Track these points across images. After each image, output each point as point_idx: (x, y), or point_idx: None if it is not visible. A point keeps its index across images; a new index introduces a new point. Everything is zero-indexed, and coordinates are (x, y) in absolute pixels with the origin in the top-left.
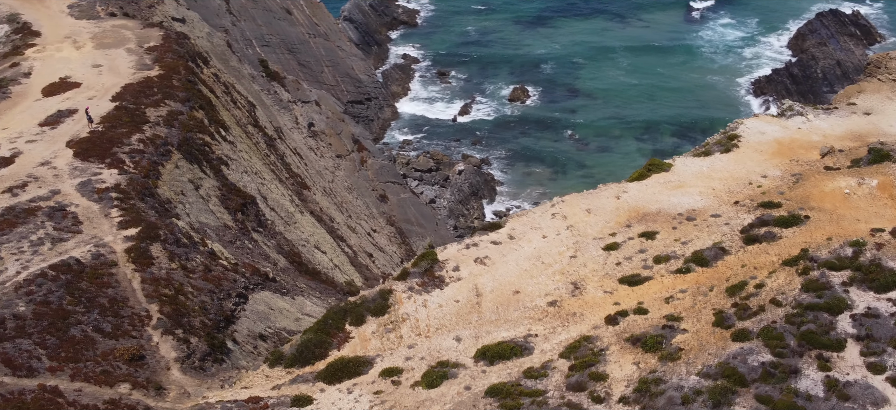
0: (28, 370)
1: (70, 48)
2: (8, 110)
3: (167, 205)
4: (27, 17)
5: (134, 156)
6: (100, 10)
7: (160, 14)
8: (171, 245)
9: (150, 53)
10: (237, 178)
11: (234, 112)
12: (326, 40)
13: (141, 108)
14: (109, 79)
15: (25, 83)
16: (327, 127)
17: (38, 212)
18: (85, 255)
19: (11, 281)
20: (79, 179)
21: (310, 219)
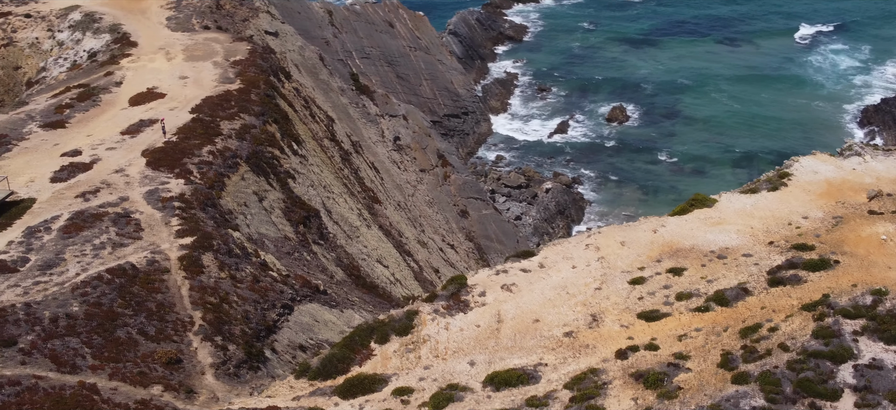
0: (72, 367)
1: (162, 59)
2: (96, 118)
3: (228, 216)
4: (128, 27)
5: (202, 168)
6: (195, 23)
7: (253, 27)
8: (223, 255)
9: (234, 67)
10: (303, 192)
11: (312, 126)
12: (427, 54)
13: (216, 121)
14: (193, 91)
15: (115, 92)
16: (413, 141)
17: (105, 218)
18: (140, 261)
19: (70, 282)
20: (147, 188)
21: (376, 233)
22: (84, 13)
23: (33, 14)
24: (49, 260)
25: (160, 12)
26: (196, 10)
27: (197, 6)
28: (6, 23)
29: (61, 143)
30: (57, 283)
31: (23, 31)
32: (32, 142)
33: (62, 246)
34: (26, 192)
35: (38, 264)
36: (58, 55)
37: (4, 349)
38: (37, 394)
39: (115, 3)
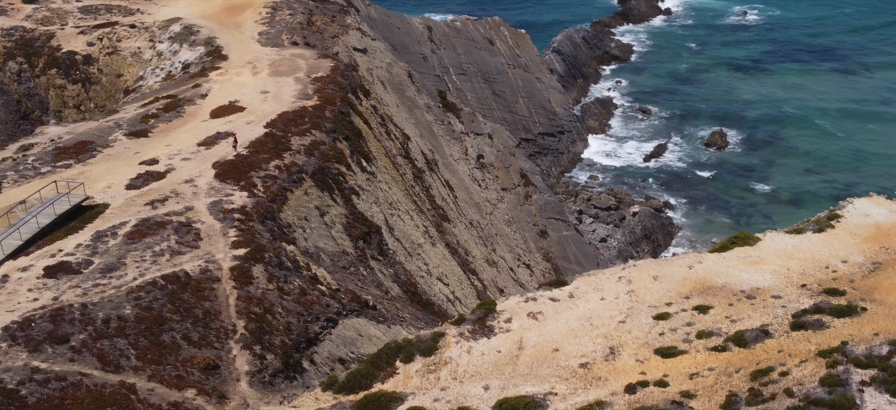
0: (115, 366)
1: (248, 74)
2: (177, 128)
3: (286, 229)
4: (221, 41)
5: (267, 181)
6: (285, 38)
7: (342, 44)
8: (273, 267)
9: (314, 83)
10: (366, 208)
11: (386, 143)
12: (526, 71)
13: (287, 136)
14: (271, 106)
15: (199, 104)
16: (496, 160)
17: (168, 226)
18: (194, 269)
19: (126, 285)
20: (212, 199)
21: (441, 251)
22: (184, 25)
23: (138, 24)
24: (111, 263)
25: (254, 27)
26: (287, 26)
27: (289, 22)
28: (112, 32)
29: (141, 152)
30: (114, 286)
31: (127, 41)
32: (115, 150)
33: (125, 251)
34: (102, 198)
35: (100, 267)
36: (155, 65)
37: (57, 345)
38: (79, 390)
39: (214, 17)
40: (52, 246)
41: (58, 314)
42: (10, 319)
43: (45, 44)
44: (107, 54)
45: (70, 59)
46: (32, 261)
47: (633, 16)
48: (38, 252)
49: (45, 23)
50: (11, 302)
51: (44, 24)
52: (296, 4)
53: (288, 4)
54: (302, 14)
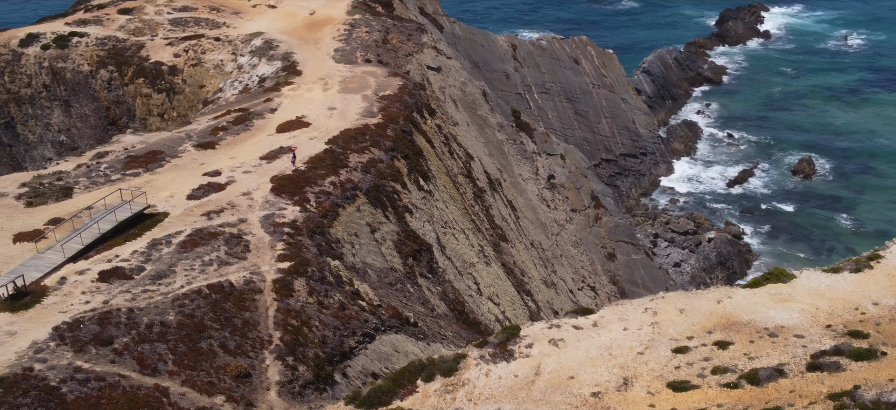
0: (152, 370)
1: (318, 90)
2: (244, 141)
3: (334, 245)
4: (298, 56)
5: (320, 197)
6: (359, 56)
7: (415, 63)
8: (315, 281)
9: (380, 101)
10: (418, 226)
11: (447, 162)
12: (611, 92)
13: (346, 153)
14: (335, 122)
15: (268, 118)
16: (567, 181)
17: (220, 237)
18: (239, 280)
19: (173, 293)
20: (265, 212)
21: (495, 271)
22: (265, 40)
23: (222, 38)
24: (161, 271)
25: (331, 44)
26: (363, 44)
27: (365, 40)
28: (198, 44)
29: (206, 164)
30: (161, 293)
31: (210, 53)
32: (183, 161)
33: (176, 259)
34: (164, 207)
35: (151, 274)
36: (235, 78)
37: (101, 347)
38: (116, 391)
39: (294, 33)
40: (110, 252)
41: (105, 317)
42: (61, 319)
43: (135, 54)
44: (191, 65)
45: (157, 69)
46: (90, 265)
47: (729, 37)
48: (97, 256)
49: (137, 33)
50: (65, 304)
51: (135, 35)
52: (374, 22)
53: (366, 22)
54: (378, 32)
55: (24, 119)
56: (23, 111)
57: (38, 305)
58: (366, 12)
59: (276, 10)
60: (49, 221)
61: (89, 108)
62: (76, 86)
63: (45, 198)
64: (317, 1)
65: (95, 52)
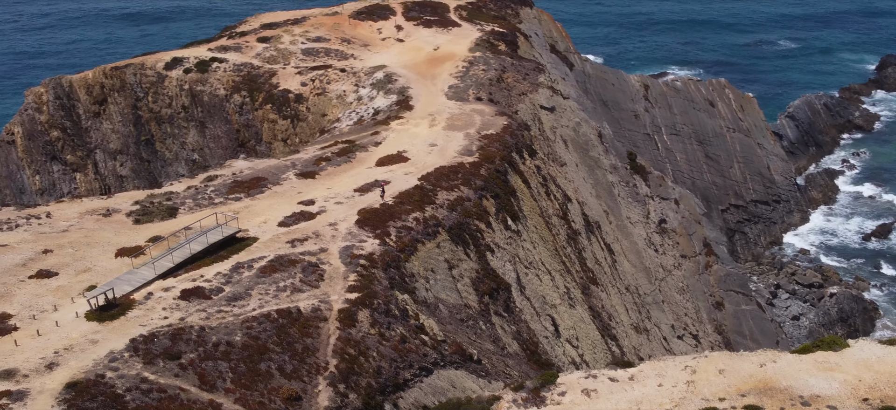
0: (211, 386)
1: (425, 125)
2: (343, 173)
3: (408, 279)
4: (413, 91)
5: (401, 232)
6: (471, 93)
7: (528, 102)
8: (380, 313)
9: (481, 140)
10: (498, 265)
11: (543, 203)
12: (746, 136)
13: (435, 190)
14: (433, 159)
15: (371, 151)
16: (679, 226)
17: (298, 264)
18: (307, 307)
19: (245, 314)
20: (346, 243)
21: (580, 314)
22: (386, 73)
23: (348, 69)
24: (238, 293)
25: (447, 80)
26: (477, 81)
27: (480, 77)
28: (324, 75)
29: (304, 192)
30: (234, 314)
31: (335, 83)
32: (283, 188)
33: (254, 283)
34: (255, 232)
35: (227, 295)
36: (353, 109)
37: (168, 361)
38: (174, 403)
39: (415, 68)
40: (197, 272)
41: (178, 333)
42: (138, 332)
43: (267, 80)
44: (316, 94)
45: (284, 96)
46: (176, 283)
47: (888, 82)
48: (184, 275)
49: (271, 61)
50: (146, 318)
51: (269, 63)
52: (492, 60)
53: (485, 60)
54: (495, 70)
55: (162, 137)
56: (162, 129)
57: (122, 317)
58: (487, 50)
59: (404, 44)
60: (150, 239)
61: (222, 130)
62: (212, 109)
63: (152, 217)
64: (443, 36)
65: (231, 77)
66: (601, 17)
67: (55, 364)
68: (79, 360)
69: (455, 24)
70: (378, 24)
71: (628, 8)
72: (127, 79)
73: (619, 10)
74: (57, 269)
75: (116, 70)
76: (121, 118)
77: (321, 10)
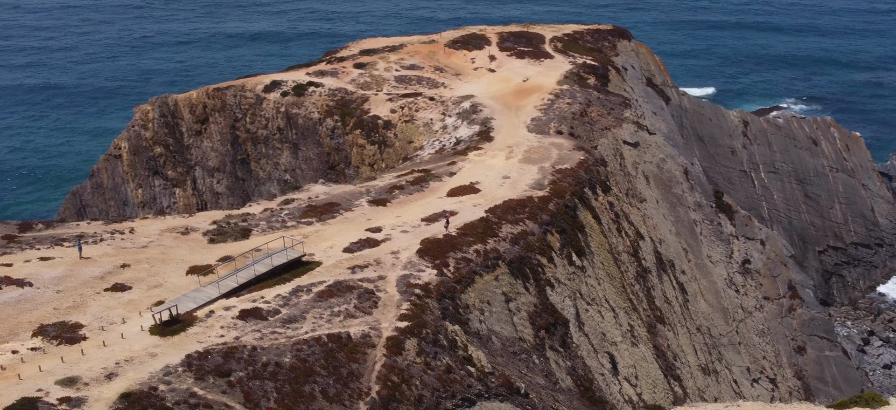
0: (254, 405)
1: (502, 157)
2: (413, 202)
3: (462, 310)
4: (496, 122)
5: (460, 263)
6: (552, 127)
7: (610, 137)
8: (427, 343)
9: (554, 174)
10: (558, 300)
11: (613, 239)
12: (850, 177)
13: (500, 223)
14: (503, 191)
15: (445, 181)
16: (764, 267)
17: (355, 291)
18: (357, 333)
19: (297, 337)
20: (404, 272)
21: (642, 352)
22: (472, 103)
23: (437, 98)
24: (293, 316)
25: (530, 112)
26: (559, 115)
27: (563, 111)
28: (414, 102)
29: (373, 220)
30: (286, 336)
31: (423, 111)
32: (354, 214)
33: (310, 306)
34: (320, 256)
35: (283, 317)
36: (437, 138)
37: (218, 377)
38: None
39: (502, 99)
40: (258, 293)
41: (231, 351)
42: (194, 349)
43: (359, 106)
44: (404, 121)
45: (373, 122)
46: (237, 303)
47: None
48: (246, 296)
49: (364, 87)
50: (204, 335)
51: (362, 89)
52: (578, 94)
53: (571, 94)
54: (580, 104)
55: (257, 157)
56: (257, 150)
57: (182, 333)
58: (575, 83)
59: (494, 74)
60: (220, 259)
61: (313, 152)
62: (305, 132)
63: (226, 237)
64: (534, 68)
65: (326, 101)
66: (714, 49)
67: (114, 375)
68: (136, 372)
69: (548, 56)
70: (472, 54)
71: (744, 40)
72: (227, 100)
73: (734, 43)
74: (131, 283)
75: (218, 91)
76: (220, 137)
77: (419, 37)
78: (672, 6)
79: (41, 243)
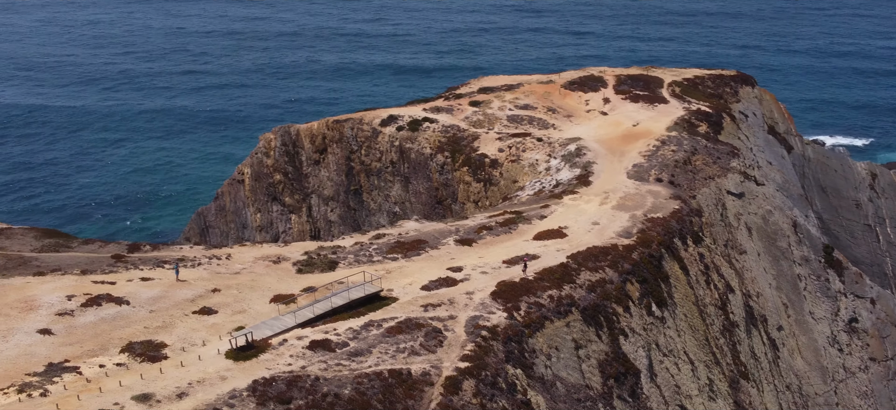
0: None
1: (596, 203)
2: (499, 243)
3: (528, 354)
4: (597, 167)
5: (531, 307)
6: (652, 174)
7: (713, 187)
8: (486, 385)
9: (644, 223)
10: (631, 350)
11: (700, 291)
12: None
13: (579, 270)
14: (589, 238)
15: (534, 224)
16: (872, 327)
17: (423, 328)
18: (417, 370)
19: (360, 370)
20: (474, 313)
21: (721, 407)
22: (578, 146)
23: (545, 139)
24: (360, 349)
25: (633, 158)
26: (662, 162)
27: (667, 158)
28: (522, 142)
29: (456, 259)
30: (350, 369)
31: (529, 152)
32: (439, 252)
33: (378, 341)
34: (399, 292)
35: (350, 350)
36: (539, 179)
37: (279, 404)
38: None
39: (608, 143)
40: (331, 325)
41: (295, 380)
42: (261, 375)
43: (469, 143)
44: (510, 161)
45: (480, 160)
46: (309, 334)
47: None
48: (320, 327)
49: (476, 125)
50: (273, 362)
51: (474, 127)
52: (686, 142)
53: (678, 141)
54: (685, 152)
55: (369, 188)
56: (370, 181)
57: (254, 359)
58: (684, 130)
59: (605, 117)
60: (304, 289)
61: (423, 187)
62: (417, 166)
63: (313, 268)
64: (646, 112)
65: (438, 137)
66: (849, 97)
67: (184, 394)
68: (205, 393)
69: (663, 101)
70: (587, 96)
71: (881, 90)
72: (345, 132)
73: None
74: (217, 308)
75: (337, 123)
76: (336, 167)
77: (538, 77)
78: (811, 50)
79: (145, 264)
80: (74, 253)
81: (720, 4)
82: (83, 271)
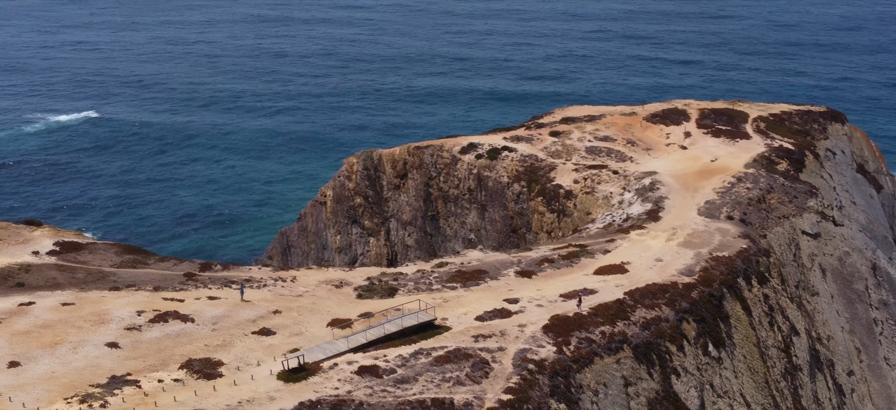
0: None
1: (662, 239)
2: (559, 276)
3: (575, 389)
4: (668, 203)
5: (582, 343)
6: (723, 212)
7: (787, 226)
8: None
9: (709, 261)
10: (682, 390)
11: (762, 333)
12: None
13: (635, 307)
14: (650, 275)
15: (597, 259)
16: None
17: (471, 359)
18: (460, 401)
19: (404, 397)
20: (523, 346)
21: None
22: (652, 181)
23: (620, 172)
24: (407, 377)
25: (706, 195)
26: (735, 200)
27: (740, 196)
28: (597, 174)
29: (514, 290)
30: (394, 395)
31: (604, 184)
32: (498, 283)
33: (425, 369)
34: (453, 321)
35: (397, 377)
36: (611, 213)
37: None
38: None
39: (683, 178)
40: (381, 351)
41: (339, 404)
42: (308, 397)
43: (545, 174)
44: (584, 193)
45: (555, 190)
46: (359, 359)
47: None
48: (372, 352)
49: (554, 155)
50: (321, 385)
51: (552, 157)
52: (762, 179)
53: (754, 178)
54: (760, 189)
55: (446, 215)
56: (447, 208)
57: (304, 382)
58: (762, 167)
59: (685, 152)
60: (361, 314)
61: (498, 215)
62: (494, 194)
63: (372, 294)
64: (726, 148)
65: (516, 167)
66: None
67: None
68: None
69: (745, 137)
70: (668, 129)
71: None
72: (425, 158)
73: None
74: (276, 329)
75: (418, 149)
76: (415, 193)
77: (621, 108)
78: None
79: (214, 283)
80: (150, 270)
81: (830, 35)
82: (155, 287)
